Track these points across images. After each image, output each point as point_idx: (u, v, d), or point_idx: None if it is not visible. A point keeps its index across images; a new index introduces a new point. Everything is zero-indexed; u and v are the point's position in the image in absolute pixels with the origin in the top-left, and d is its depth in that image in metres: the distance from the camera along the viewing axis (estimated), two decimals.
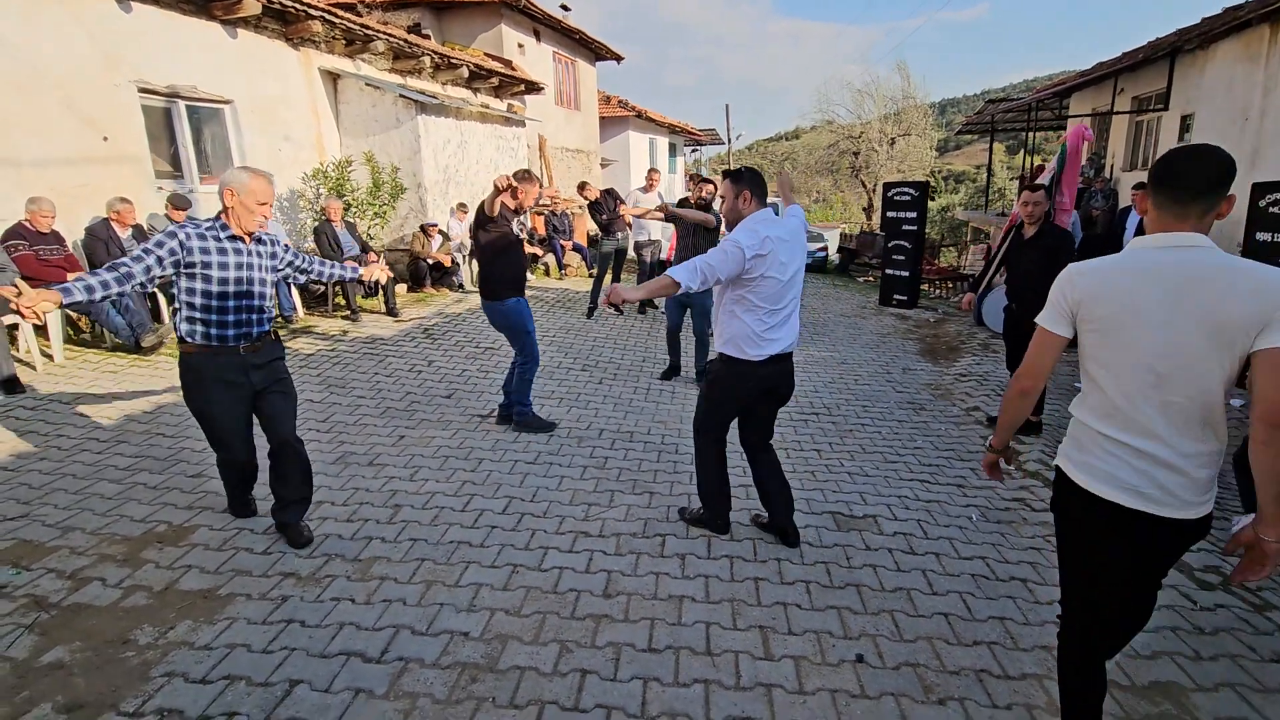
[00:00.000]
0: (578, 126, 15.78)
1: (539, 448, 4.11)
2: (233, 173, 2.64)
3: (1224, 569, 2.96)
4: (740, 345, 2.79)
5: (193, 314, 2.59)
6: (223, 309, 2.61)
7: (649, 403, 5.11)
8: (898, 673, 2.27)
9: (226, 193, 2.59)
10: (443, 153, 9.13)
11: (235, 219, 2.63)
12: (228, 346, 2.65)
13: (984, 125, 16.10)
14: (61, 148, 5.55)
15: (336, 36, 8.28)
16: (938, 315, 9.17)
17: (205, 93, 6.82)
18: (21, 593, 2.47)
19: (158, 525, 2.99)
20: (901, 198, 9.80)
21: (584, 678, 2.19)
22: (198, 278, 2.56)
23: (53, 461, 3.53)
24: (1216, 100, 8.45)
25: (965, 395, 5.64)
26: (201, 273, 2.56)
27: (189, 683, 2.08)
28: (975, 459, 4.26)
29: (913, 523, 3.36)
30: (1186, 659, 2.37)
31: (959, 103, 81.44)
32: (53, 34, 5.46)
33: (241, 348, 2.68)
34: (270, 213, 2.76)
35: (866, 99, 24.46)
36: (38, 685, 2.04)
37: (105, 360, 5.12)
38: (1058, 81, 13.80)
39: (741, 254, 2.63)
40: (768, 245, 2.67)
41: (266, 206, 2.68)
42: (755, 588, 2.73)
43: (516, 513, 3.28)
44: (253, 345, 2.72)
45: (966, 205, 31.01)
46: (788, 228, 2.80)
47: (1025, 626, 2.54)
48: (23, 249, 4.82)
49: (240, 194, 2.59)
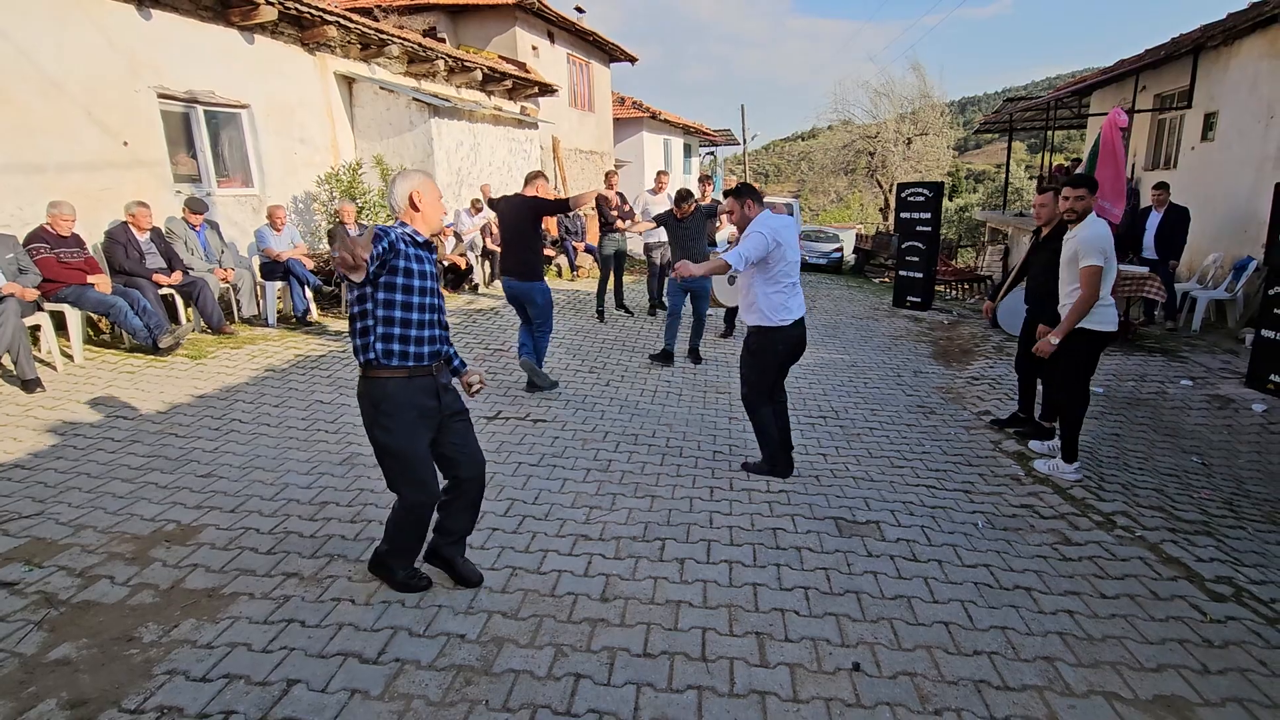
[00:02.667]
0: (591, 128, 15.82)
1: (543, 449, 4.13)
2: (408, 175, 2.43)
3: (1237, 580, 2.90)
4: (770, 315, 3.63)
5: (390, 330, 2.31)
6: (420, 323, 2.37)
7: (654, 405, 5.11)
8: (894, 682, 2.25)
9: (414, 195, 2.39)
10: (455, 155, 9.21)
11: (425, 222, 2.43)
12: (424, 366, 2.39)
13: (1003, 124, 15.89)
14: (83, 152, 5.68)
15: (352, 41, 8.39)
16: (952, 317, 9.06)
17: (223, 97, 6.94)
18: (33, 589, 2.53)
19: (167, 524, 3.05)
20: (916, 198, 9.70)
21: (578, 682, 2.19)
22: (398, 288, 2.30)
23: (68, 460, 3.62)
24: (1240, 98, 8.26)
25: (977, 399, 5.57)
26: (403, 281, 2.31)
27: (190, 680, 2.12)
28: (984, 465, 4.21)
29: (916, 529, 3.32)
30: (1193, 672, 2.32)
31: (979, 101, 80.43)
32: (75, 41, 5.59)
33: (434, 367, 2.45)
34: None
35: (882, 99, 24.25)
36: (44, 681, 2.09)
37: (123, 361, 5.23)
38: (1079, 79, 13.57)
39: (767, 240, 3.48)
40: (779, 234, 3.54)
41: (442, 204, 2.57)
42: (754, 593, 2.72)
43: (518, 515, 3.30)
44: (440, 364, 2.51)
45: (985, 205, 30.60)
46: (783, 221, 3.67)
47: (1028, 637, 2.50)
48: (44, 252, 4.94)
49: (425, 195, 2.41)
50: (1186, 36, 8.79)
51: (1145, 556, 3.09)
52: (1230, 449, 4.55)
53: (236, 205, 7.18)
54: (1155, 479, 4.02)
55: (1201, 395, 5.53)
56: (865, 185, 24.87)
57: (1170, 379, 5.94)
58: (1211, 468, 4.25)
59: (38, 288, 4.81)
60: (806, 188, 36.43)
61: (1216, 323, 7.85)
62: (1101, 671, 2.32)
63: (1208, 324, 7.69)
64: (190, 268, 5.96)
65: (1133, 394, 5.62)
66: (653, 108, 19.19)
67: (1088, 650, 2.43)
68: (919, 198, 9.67)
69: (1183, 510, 3.59)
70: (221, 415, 4.36)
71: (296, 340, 6.16)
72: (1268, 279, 5.52)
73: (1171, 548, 3.16)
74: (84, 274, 5.10)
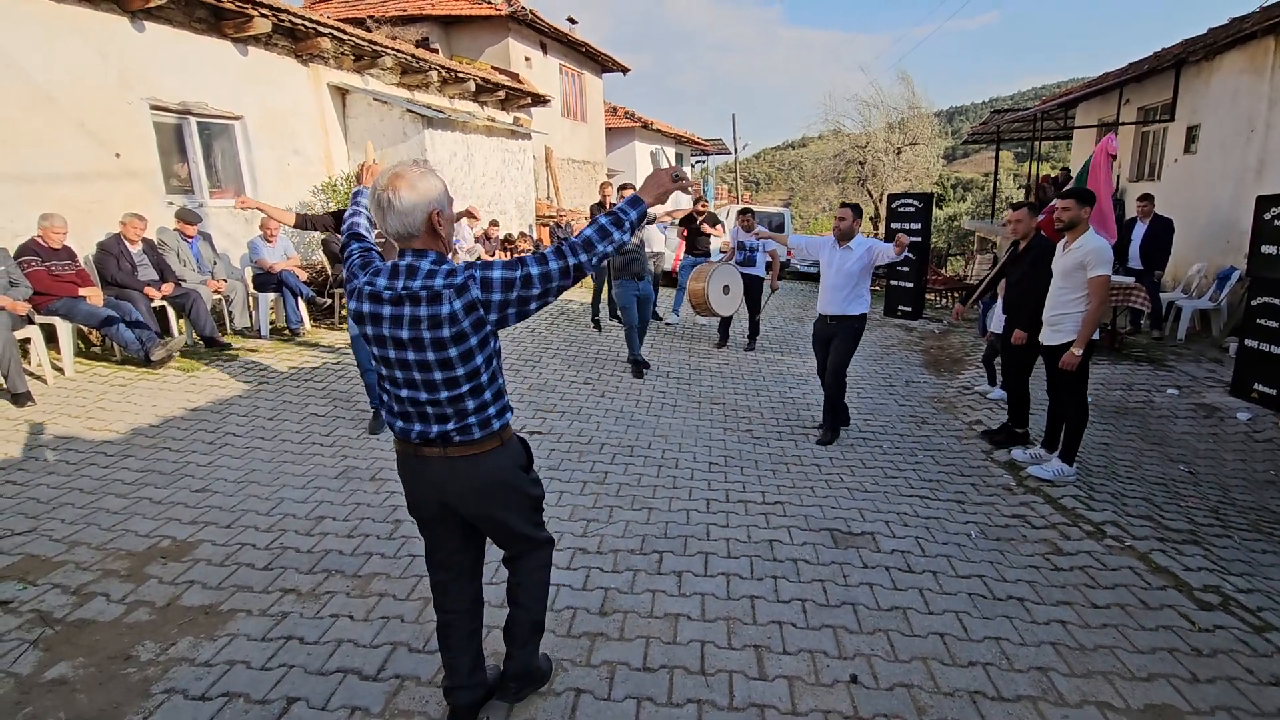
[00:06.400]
0: (584, 137, 15.89)
1: (540, 463, 4.13)
2: (422, 176, 1.72)
3: (1224, 589, 2.95)
4: (863, 306, 4.61)
5: (501, 382, 1.87)
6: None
7: (650, 416, 5.13)
8: (891, 693, 2.27)
9: (434, 215, 1.72)
10: (449, 166, 9.23)
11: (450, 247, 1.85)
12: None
13: (990, 135, 16.11)
14: (75, 164, 5.66)
15: (345, 52, 8.41)
16: (943, 327, 9.15)
17: (216, 109, 6.94)
18: (27, 608, 2.51)
19: (162, 540, 3.03)
20: (906, 209, 9.81)
21: (578, 697, 2.20)
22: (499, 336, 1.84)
23: (61, 475, 3.59)
24: (1222, 112, 8.43)
25: (968, 409, 5.63)
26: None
27: (188, 699, 2.11)
28: (976, 474, 4.26)
29: (911, 540, 3.36)
30: (1183, 681, 2.36)
31: (967, 110, 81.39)
32: (67, 54, 5.58)
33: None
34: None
35: (872, 110, 24.49)
36: (41, 701, 2.08)
37: (115, 374, 5.20)
38: (1065, 91, 13.79)
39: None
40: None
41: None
42: (751, 606, 2.74)
43: None
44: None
45: (973, 214, 30.93)
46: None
47: (1021, 647, 2.53)
48: (35, 265, 4.91)
49: (449, 213, 1.79)
50: (1169, 51, 8.97)
51: (1135, 566, 3.14)
52: (1216, 457, 4.63)
53: (229, 217, 7.16)
54: (1144, 488, 4.08)
55: (1188, 404, 5.62)
56: (856, 194, 25.06)
57: (1157, 388, 6.03)
58: (1198, 476, 4.32)
59: (29, 300, 4.78)
60: (797, 196, 36.67)
61: (1201, 332, 7.98)
62: (1094, 681, 2.35)
63: (1192, 333, 7.81)
64: (183, 279, 5.94)
65: (1120, 403, 5.70)
66: (645, 117, 19.32)
67: (1080, 660, 2.46)
68: (909, 208, 9.78)
69: (1171, 519, 3.64)
70: (215, 429, 4.34)
71: (290, 352, 6.14)
72: (1251, 289, 5.63)
73: (1160, 557, 3.20)
74: (75, 286, 5.07)
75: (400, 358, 1.72)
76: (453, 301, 1.66)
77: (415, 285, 1.68)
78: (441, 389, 1.74)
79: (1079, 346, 3.78)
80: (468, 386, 1.75)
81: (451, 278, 1.68)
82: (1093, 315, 3.76)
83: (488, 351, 1.77)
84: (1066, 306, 3.88)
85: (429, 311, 1.67)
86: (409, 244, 1.73)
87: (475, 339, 1.71)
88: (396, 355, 1.72)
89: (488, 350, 1.76)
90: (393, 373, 1.76)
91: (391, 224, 1.70)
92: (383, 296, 1.71)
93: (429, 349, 1.69)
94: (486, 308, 1.69)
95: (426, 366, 1.71)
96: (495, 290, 1.68)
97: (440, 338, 1.68)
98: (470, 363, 1.73)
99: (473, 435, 1.79)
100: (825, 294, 4.71)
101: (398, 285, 1.70)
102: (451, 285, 1.67)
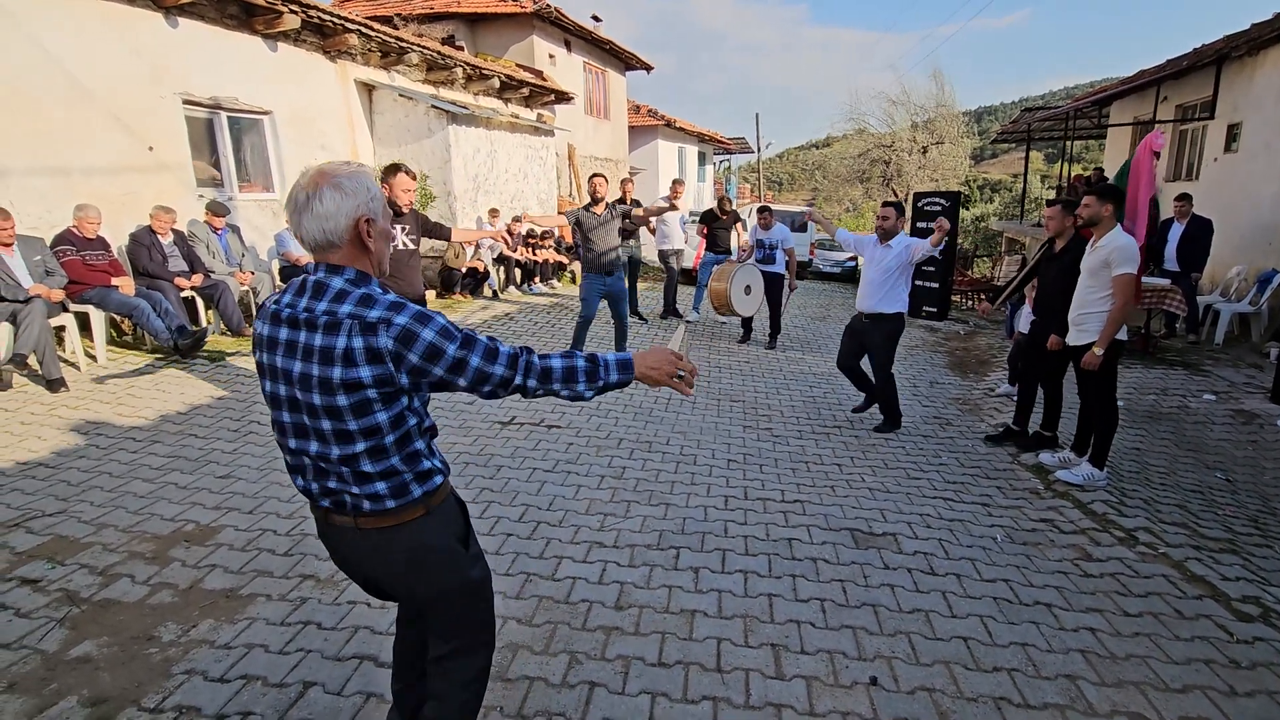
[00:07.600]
0: (607, 135, 15.90)
1: (558, 455, 4.13)
2: (358, 179, 1.42)
3: (1264, 600, 2.83)
4: (898, 305, 4.65)
5: (420, 445, 1.49)
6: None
7: (669, 413, 5.10)
8: (912, 697, 2.22)
9: (362, 223, 1.42)
10: (473, 162, 9.29)
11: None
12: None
13: (1020, 134, 15.79)
14: (109, 157, 5.79)
15: (372, 49, 8.50)
16: (968, 328, 8.99)
17: (246, 104, 7.05)
18: (55, 587, 2.57)
19: (186, 524, 3.08)
20: (932, 208, 9.65)
21: (592, 690, 2.18)
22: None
23: (91, 459, 3.67)
24: (1266, 109, 8.15)
25: (994, 410, 5.51)
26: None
27: (208, 681, 2.13)
28: (1002, 477, 4.16)
29: (934, 542, 3.28)
30: (1220, 694, 2.27)
31: (996, 110, 79.95)
32: (102, 49, 5.71)
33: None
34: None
35: (898, 107, 24.19)
36: (65, 678, 2.11)
37: (145, 361, 5.30)
38: (1098, 89, 13.46)
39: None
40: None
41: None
42: (769, 604, 2.69)
43: (532, 521, 3.30)
44: None
45: (1002, 215, 30.37)
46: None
47: (1048, 654, 2.46)
48: (70, 254, 5.03)
49: (382, 224, 1.50)
50: (1209, 46, 8.70)
51: (1169, 574, 3.03)
52: (1255, 465, 4.47)
53: (257, 209, 7.28)
54: (1178, 495, 3.95)
55: (1225, 410, 5.43)
56: (881, 194, 24.76)
57: (1193, 393, 5.84)
58: (1236, 484, 4.17)
59: (63, 289, 4.90)
60: (820, 196, 36.36)
61: (1240, 336, 7.72)
62: (1125, 691, 2.27)
63: (1231, 338, 7.57)
64: (211, 270, 6.05)
65: (1154, 408, 5.54)
66: (668, 115, 19.26)
67: (1111, 669, 2.38)
68: (935, 207, 9.62)
69: (1207, 527, 3.52)
70: (240, 417, 4.40)
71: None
72: None
73: (1196, 565, 3.09)
74: (108, 276, 5.18)
75: (289, 395, 1.37)
76: (352, 337, 1.30)
77: (318, 308, 1.35)
78: (332, 443, 1.37)
79: (1100, 346, 3.67)
80: (363, 446, 1.37)
81: (364, 307, 1.33)
82: (1116, 314, 3.64)
83: (395, 410, 1.38)
84: (1092, 306, 3.77)
85: (322, 342, 1.32)
86: (326, 256, 1.40)
87: (374, 393, 1.33)
88: (286, 392, 1.38)
89: (395, 409, 1.38)
90: (279, 414, 1.42)
91: (309, 229, 1.37)
92: (281, 317, 1.38)
93: (316, 390, 1.33)
94: (398, 364, 1.32)
95: (314, 412, 1.35)
96: (414, 352, 1.32)
97: (328, 378, 1.31)
98: (366, 418, 1.35)
99: (384, 505, 1.42)
100: (862, 289, 4.82)
101: (299, 305, 1.37)
102: (358, 318, 1.31)
